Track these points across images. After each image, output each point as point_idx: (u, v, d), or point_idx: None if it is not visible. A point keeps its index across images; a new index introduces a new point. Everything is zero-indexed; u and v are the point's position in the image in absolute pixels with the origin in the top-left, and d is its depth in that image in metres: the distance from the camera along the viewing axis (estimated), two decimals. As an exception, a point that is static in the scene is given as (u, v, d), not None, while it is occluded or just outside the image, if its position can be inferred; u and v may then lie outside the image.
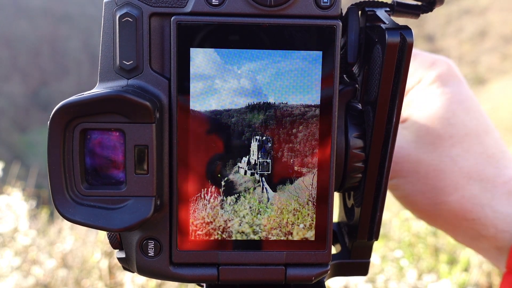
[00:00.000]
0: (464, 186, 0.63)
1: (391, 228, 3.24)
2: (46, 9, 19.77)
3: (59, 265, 2.72)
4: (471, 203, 0.63)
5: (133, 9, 0.46)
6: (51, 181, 0.45)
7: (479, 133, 0.64)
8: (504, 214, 0.63)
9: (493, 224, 0.63)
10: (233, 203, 0.49)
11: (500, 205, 0.63)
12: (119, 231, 0.47)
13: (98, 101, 0.44)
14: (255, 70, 0.47)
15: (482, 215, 0.63)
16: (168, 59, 0.47)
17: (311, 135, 0.48)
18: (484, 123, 0.65)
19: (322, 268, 0.50)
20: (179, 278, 0.50)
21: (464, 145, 0.64)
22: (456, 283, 2.63)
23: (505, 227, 0.63)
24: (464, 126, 0.64)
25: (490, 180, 0.63)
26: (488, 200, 0.63)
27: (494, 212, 0.63)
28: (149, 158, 0.46)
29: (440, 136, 0.64)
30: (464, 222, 0.64)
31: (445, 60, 0.67)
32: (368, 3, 0.55)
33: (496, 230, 0.63)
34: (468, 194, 0.63)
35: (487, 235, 0.64)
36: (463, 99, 0.65)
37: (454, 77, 0.66)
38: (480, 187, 0.63)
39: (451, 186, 0.63)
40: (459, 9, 17.74)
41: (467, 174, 0.63)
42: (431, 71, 0.67)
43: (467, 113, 0.65)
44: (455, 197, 0.63)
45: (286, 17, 0.47)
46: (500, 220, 0.63)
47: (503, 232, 0.63)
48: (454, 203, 0.64)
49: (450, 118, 0.64)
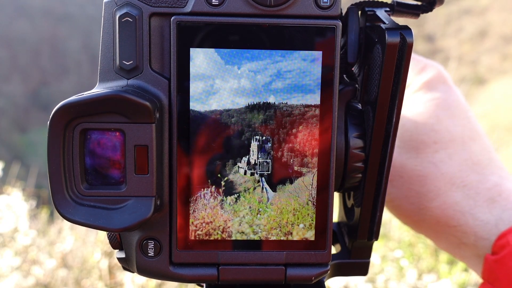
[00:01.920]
0: (446, 192, 0.63)
1: (391, 228, 3.24)
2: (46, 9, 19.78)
3: (59, 265, 2.72)
4: (452, 210, 0.62)
5: (133, 9, 0.46)
6: (51, 181, 0.45)
7: (464, 139, 0.64)
8: (484, 221, 0.62)
9: (473, 231, 0.62)
10: (233, 203, 0.49)
11: (481, 212, 0.62)
12: (119, 231, 0.47)
13: (98, 101, 0.44)
14: (255, 70, 0.47)
15: (463, 222, 0.62)
16: (168, 59, 0.47)
17: (311, 135, 0.48)
18: (471, 130, 0.64)
19: (322, 268, 0.50)
20: (179, 278, 0.50)
21: (448, 151, 0.63)
22: (456, 283, 2.63)
23: (485, 235, 0.62)
24: (448, 132, 0.63)
25: (473, 187, 0.63)
26: (470, 207, 0.62)
27: (475, 220, 0.62)
28: (149, 158, 0.46)
29: (423, 141, 0.63)
30: (446, 228, 0.64)
31: (435, 65, 0.67)
32: (368, 3, 0.55)
33: (476, 237, 0.62)
34: (450, 200, 0.62)
35: (467, 243, 0.63)
36: (449, 105, 0.65)
37: (442, 82, 0.66)
38: (462, 193, 0.62)
39: (433, 192, 0.63)
40: (459, 9, 17.74)
41: (449, 180, 0.63)
42: (420, 77, 0.67)
43: (452, 119, 0.64)
44: (437, 203, 0.63)
45: (286, 17, 0.47)
46: (480, 228, 0.62)
47: (482, 239, 0.62)
48: (436, 209, 0.63)
49: (435, 124, 0.64)
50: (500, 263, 0.59)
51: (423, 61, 0.68)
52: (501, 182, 0.63)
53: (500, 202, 0.62)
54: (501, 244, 0.60)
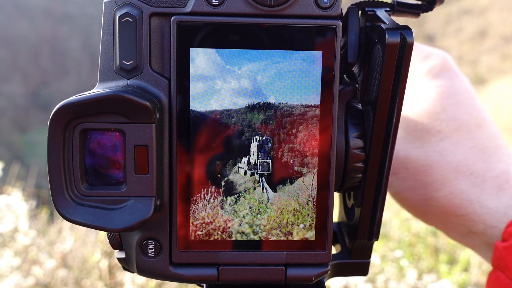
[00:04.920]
0: (452, 181, 0.62)
1: (391, 228, 3.24)
2: (46, 9, 19.78)
3: (59, 265, 2.72)
4: (459, 199, 0.62)
5: (133, 9, 0.46)
6: (51, 181, 0.45)
7: (470, 127, 0.63)
8: (493, 209, 0.61)
9: (481, 219, 0.61)
10: (233, 203, 0.49)
11: (489, 200, 0.61)
12: (119, 231, 0.47)
13: (98, 101, 0.44)
14: (255, 70, 0.47)
15: (471, 210, 0.61)
16: (168, 59, 0.47)
17: (311, 135, 0.48)
18: (477, 117, 0.63)
19: (322, 268, 0.50)
20: (179, 278, 0.50)
21: (453, 139, 0.62)
22: (456, 283, 2.63)
23: (494, 223, 0.61)
24: (453, 121, 0.62)
25: (479, 175, 0.62)
26: (477, 195, 0.61)
27: (483, 208, 0.61)
28: (149, 158, 0.46)
29: (428, 131, 0.62)
30: (453, 218, 0.63)
31: (439, 52, 0.66)
32: (368, 3, 0.55)
33: (485, 225, 0.61)
34: (457, 189, 0.62)
35: (476, 231, 0.62)
36: (454, 93, 0.63)
37: (447, 70, 0.64)
38: (469, 182, 0.62)
39: (439, 181, 0.62)
40: (459, 9, 17.75)
41: (455, 169, 0.62)
42: (423, 64, 0.65)
43: (457, 106, 0.63)
44: (443, 192, 0.62)
45: (286, 17, 0.47)
46: (488, 216, 0.61)
47: (491, 227, 0.61)
48: (443, 198, 0.62)
49: (439, 112, 0.63)
50: (510, 250, 0.59)
51: (427, 49, 0.66)
52: (509, 169, 0.62)
53: (508, 189, 0.61)
54: (510, 231, 0.60)
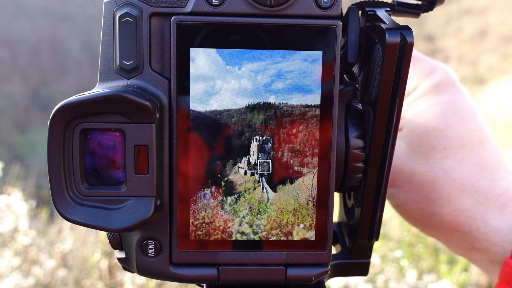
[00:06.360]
0: (456, 198, 0.63)
1: (391, 228, 3.24)
2: (46, 9, 19.78)
3: (59, 265, 2.72)
4: (463, 216, 0.63)
5: (133, 9, 0.46)
6: (51, 181, 0.45)
7: (473, 144, 0.64)
8: (497, 227, 0.62)
9: (485, 237, 0.63)
10: (233, 203, 0.49)
11: (493, 218, 0.63)
12: (119, 231, 0.47)
13: (98, 101, 0.44)
14: (256, 70, 0.47)
15: (475, 228, 0.63)
16: (168, 59, 0.47)
17: (311, 135, 0.48)
18: (480, 134, 0.64)
19: (322, 268, 0.50)
20: (179, 278, 0.50)
21: (458, 156, 0.63)
22: (456, 283, 2.63)
23: (498, 241, 0.62)
24: (458, 138, 0.63)
25: (483, 193, 0.63)
26: (481, 214, 0.63)
27: (487, 226, 0.62)
28: (149, 158, 0.46)
29: (433, 147, 0.63)
30: (456, 234, 0.64)
31: (444, 68, 0.66)
32: (369, 3, 0.55)
33: (488, 243, 0.63)
34: (461, 206, 0.63)
35: (479, 248, 0.63)
36: (458, 109, 0.64)
37: (451, 86, 0.65)
38: (473, 199, 0.63)
39: (443, 198, 0.63)
40: (459, 9, 17.74)
41: (460, 186, 0.63)
42: (428, 79, 0.66)
43: (461, 123, 0.64)
44: (448, 209, 0.63)
45: (286, 17, 0.47)
46: (492, 234, 0.62)
47: (495, 246, 0.63)
48: (447, 215, 0.63)
49: (444, 129, 0.63)
50: None
51: (432, 64, 0.67)
52: (510, 188, 0.64)
53: (510, 208, 0.63)
54: None
